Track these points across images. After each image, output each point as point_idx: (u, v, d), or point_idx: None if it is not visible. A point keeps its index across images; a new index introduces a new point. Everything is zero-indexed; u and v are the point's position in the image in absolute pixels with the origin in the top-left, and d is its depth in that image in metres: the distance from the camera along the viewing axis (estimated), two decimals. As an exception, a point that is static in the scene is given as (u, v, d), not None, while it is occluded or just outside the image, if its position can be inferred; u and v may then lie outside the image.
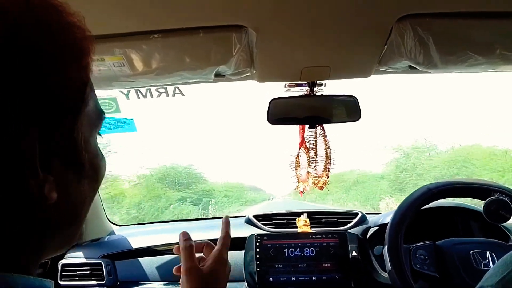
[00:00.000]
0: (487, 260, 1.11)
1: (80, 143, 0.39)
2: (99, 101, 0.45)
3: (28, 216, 0.35)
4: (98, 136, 0.45)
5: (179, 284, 1.36)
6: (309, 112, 1.19)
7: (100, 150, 0.45)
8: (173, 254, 0.79)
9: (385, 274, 1.26)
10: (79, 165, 0.40)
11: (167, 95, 1.16)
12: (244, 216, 1.63)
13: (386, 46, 0.92)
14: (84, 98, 0.40)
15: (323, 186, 1.25)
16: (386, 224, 1.19)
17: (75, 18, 0.37)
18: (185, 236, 0.75)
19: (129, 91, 1.12)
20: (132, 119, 1.22)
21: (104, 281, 1.43)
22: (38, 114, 0.33)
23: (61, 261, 1.47)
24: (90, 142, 0.42)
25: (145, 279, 1.47)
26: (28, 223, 0.35)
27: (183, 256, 0.72)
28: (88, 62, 0.39)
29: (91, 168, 0.42)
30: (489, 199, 1.09)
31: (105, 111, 0.46)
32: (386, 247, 1.13)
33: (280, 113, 1.16)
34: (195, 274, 0.70)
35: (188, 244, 0.73)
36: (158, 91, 1.14)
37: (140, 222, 1.97)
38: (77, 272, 1.45)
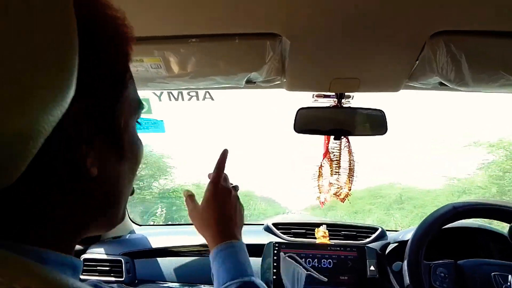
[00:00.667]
0: (508, 283, 1.09)
1: (121, 125, 0.41)
2: None
3: (70, 187, 0.36)
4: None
5: (194, 285, 1.39)
6: (335, 124, 1.20)
7: (138, 136, 0.46)
8: (189, 257, 0.86)
9: (404, 291, 1.25)
10: (120, 145, 0.41)
11: (197, 98, 1.19)
12: (263, 224, 1.64)
13: (417, 62, 0.93)
14: (125, 82, 0.42)
15: (345, 198, 1.25)
16: (406, 241, 1.19)
17: (119, 14, 0.39)
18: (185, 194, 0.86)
19: (162, 93, 1.16)
20: (162, 120, 1.26)
21: (123, 278, 1.46)
22: (86, 88, 0.34)
23: (83, 255, 1.50)
24: (130, 126, 0.43)
25: (162, 279, 1.48)
26: (70, 195, 0.36)
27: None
28: (129, 51, 0.41)
29: (130, 151, 0.43)
30: None
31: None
32: (405, 262, 1.12)
33: (307, 122, 1.17)
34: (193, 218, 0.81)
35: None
36: (189, 95, 1.17)
37: (160, 224, 1.99)
38: (98, 268, 1.48)
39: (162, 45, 0.88)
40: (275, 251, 1.39)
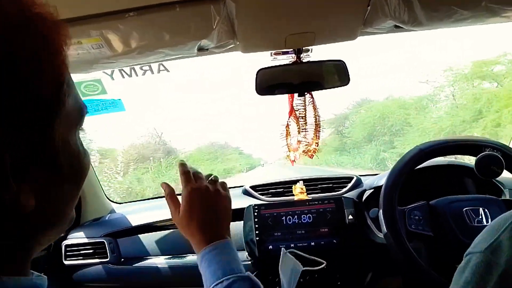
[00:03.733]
0: (480, 217, 1.13)
1: (58, 146, 0.37)
2: (83, 84, 0.43)
3: (10, 225, 0.34)
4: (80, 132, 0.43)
5: (180, 257, 1.40)
6: (297, 80, 1.18)
7: (81, 147, 0.42)
8: (172, 229, 0.81)
9: (382, 236, 1.29)
10: (58, 168, 0.38)
11: (152, 72, 1.14)
12: (241, 187, 1.64)
13: (369, 7, 0.90)
14: (60, 100, 0.37)
15: (313, 154, 1.25)
16: (381, 186, 1.20)
17: (44, 10, 0.34)
18: (163, 186, 0.80)
19: (113, 71, 1.10)
20: (120, 99, 1.21)
21: (108, 258, 1.47)
22: (8, 122, 0.31)
23: (64, 242, 1.50)
24: (69, 142, 0.39)
25: (147, 254, 1.50)
26: (10, 233, 0.34)
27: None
28: (63, 59, 0.36)
29: (71, 170, 0.40)
30: (480, 155, 1.09)
31: (91, 93, 0.44)
32: (381, 211, 1.14)
33: (268, 82, 1.15)
34: (176, 222, 0.76)
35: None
36: (143, 69, 1.12)
37: (139, 199, 1.98)
38: (81, 252, 1.49)
39: (99, 23, 0.83)
40: (255, 213, 1.40)
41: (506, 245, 0.46)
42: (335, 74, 1.15)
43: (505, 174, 1.10)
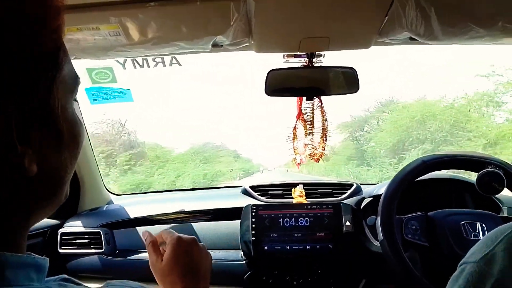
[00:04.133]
0: (477, 231, 1.14)
1: (57, 111, 0.38)
2: (95, 71, 0.44)
3: (11, 189, 0.34)
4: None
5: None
6: (307, 84, 1.18)
7: (77, 116, 0.43)
8: (169, 224, 0.75)
9: (377, 244, 1.30)
10: (58, 134, 0.39)
11: (164, 65, 1.14)
12: (241, 187, 1.64)
13: (386, 17, 0.90)
14: (58, 63, 0.38)
15: (319, 158, 1.26)
16: (380, 195, 1.21)
17: None
18: (145, 235, 0.75)
19: (125, 60, 1.10)
20: (129, 89, 1.21)
21: (103, 249, 1.46)
22: (11, 84, 0.32)
23: (60, 230, 1.49)
24: (67, 109, 0.40)
25: (143, 247, 1.49)
26: (12, 197, 0.35)
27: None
28: (59, 24, 0.37)
29: (70, 136, 0.41)
30: (482, 171, 1.11)
31: (101, 81, 0.45)
32: (378, 218, 1.15)
33: (278, 84, 1.15)
34: (155, 272, 0.70)
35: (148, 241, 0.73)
36: (155, 61, 1.12)
37: (137, 192, 1.97)
38: (77, 241, 1.48)
39: (118, 11, 0.83)
40: (253, 213, 1.40)
41: (500, 256, 0.47)
42: (345, 81, 1.16)
43: (505, 191, 1.11)
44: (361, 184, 1.62)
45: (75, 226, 1.51)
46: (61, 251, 1.47)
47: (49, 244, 1.47)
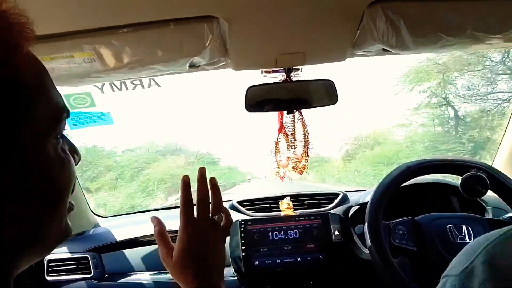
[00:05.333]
0: (463, 234, 1.15)
1: (29, 156, 0.34)
2: (73, 96, 0.41)
3: None
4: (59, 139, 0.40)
5: (165, 273, 1.37)
6: (286, 97, 1.19)
7: (60, 155, 0.39)
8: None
9: (367, 251, 1.30)
10: (31, 181, 0.35)
11: (143, 86, 1.14)
12: (229, 201, 1.64)
13: (358, 31, 0.92)
14: (23, 103, 0.34)
15: (302, 170, 1.26)
16: (367, 202, 1.22)
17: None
18: (154, 221, 0.71)
19: (103, 84, 1.10)
20: (108, 112, 1.21)
21: (92, 274, 1.44)
22: None
23: (46, 257, 1.46)
24: (44, 151, 0.36)
25: (132, 270, 1.48)
26: None
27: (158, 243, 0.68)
28: (22, 59, 0.34)
29: (47, 185, 0.37)
30: (466, 174, 1.12)
31: (79, 106, 0.42)
32: (366, 224, 1.16)
33: (258, 100, 1.16)
34: (167, 265, 0.66)
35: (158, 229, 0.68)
36: (133, 83, 1.12)
37: (124, 213, 1.94)
38: (64, 267, 1.45)
39: (91, 38, 0.83)
40: (242, 229, 1.40)
41: (480, 269, 0.47)
42: (324, 93, 1.17)
43: (489, 193, 1.13)
44: (347, 191, 1.63)
45: (61, 252, 1.48)
46: (48, 278, 1.44)
47: (36, 272, 1.44)
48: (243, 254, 1.36)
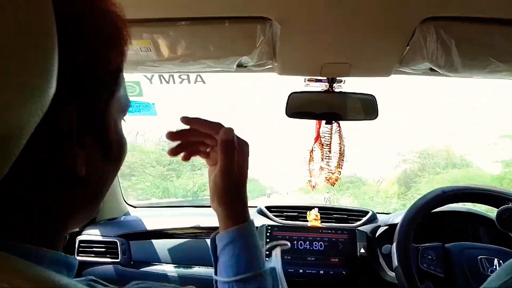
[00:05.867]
0: (494, 267, 1.11)
1: (110, 125, 0.41)
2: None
3: (58, 188, 0.36)
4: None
5: (188, 267, 1.39)
6: (326, 108, 1.20)
7: (124, 135, 0.46)
8: (184, 238, 0.68)
9: (392, 274, 1.28)
10: (108, 145, 0.41)
11: (189, 82, 1.19)
12: (256, 207, 1.65)
13: (408, 47, 0.93)
14: (118, 83, 0.41)
15: (335, 182, 1.27)
16: (396, 224, 1.20)
17: (117, 8, 0.39)
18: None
19: (152, 76, 1.16)
20: (153, 103, 1.26)
21: (119, 259, 1.49)
22: (79, 89, 0.35)
23: (78, 237, 1.52)
24: (118, 125, 0.43)
25: (157, 260, 1.51)
26: (57, 196, 0.36)
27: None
28: (125, 50, 0.41)
29: (117, 149, 0.43)
30: (502, 207, 1.09)
31: (128, 94, 0.47)
32: (394, 244, 1.14)
33: (298, 107, 1.18)
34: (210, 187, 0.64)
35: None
36: (181, 78, 1.17)
37: (154, 205, 2.00)
38: (93, 249, 1.51)
39: (151, 27, 0.88)
40: (268, 234, 1.41)
41: None
42: (365, 108, 1.18)
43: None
44: (376, 213, 1.61)
45: (93, 234, 1.54)
46: (78, 258, 1.50)
47: (66, 250, 1.50)
48: (266, 259, 1.36)
